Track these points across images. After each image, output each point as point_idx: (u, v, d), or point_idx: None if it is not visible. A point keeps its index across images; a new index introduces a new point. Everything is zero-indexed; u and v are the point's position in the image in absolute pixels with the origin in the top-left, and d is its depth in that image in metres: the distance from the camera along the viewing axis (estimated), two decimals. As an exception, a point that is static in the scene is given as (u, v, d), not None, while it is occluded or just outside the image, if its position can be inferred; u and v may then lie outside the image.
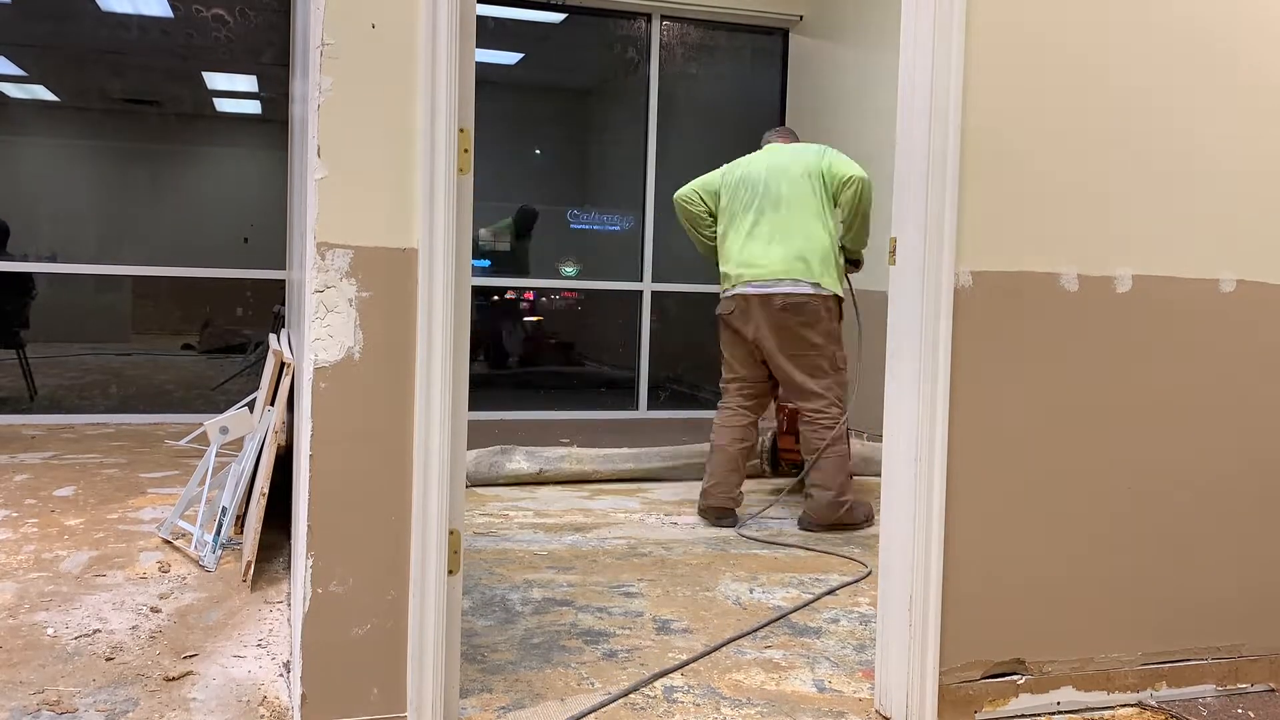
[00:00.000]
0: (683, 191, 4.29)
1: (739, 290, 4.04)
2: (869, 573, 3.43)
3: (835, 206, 4.02)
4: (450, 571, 2.16)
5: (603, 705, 2.35)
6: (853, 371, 4.74)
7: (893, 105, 2.41)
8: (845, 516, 4.03)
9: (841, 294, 4.05)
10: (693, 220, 4.29)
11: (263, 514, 3.08)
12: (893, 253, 2.35)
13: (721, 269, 4.18)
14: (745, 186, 4.12)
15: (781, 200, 4.02)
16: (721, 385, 4.27)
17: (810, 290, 3.94)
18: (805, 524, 4.08)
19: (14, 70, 6.48)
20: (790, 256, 3.95)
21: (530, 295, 7.21)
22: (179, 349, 6.96)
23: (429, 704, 2.13)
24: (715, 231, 4.25)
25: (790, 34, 7.33)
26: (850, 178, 3.96)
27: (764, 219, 4.03)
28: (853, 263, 4.23)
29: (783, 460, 5.01)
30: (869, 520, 4.14)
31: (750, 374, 4.17)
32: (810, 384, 4.01)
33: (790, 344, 3.99)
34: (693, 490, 4.78)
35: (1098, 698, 2.45)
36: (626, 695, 2.41)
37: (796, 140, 4.36)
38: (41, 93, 6.67)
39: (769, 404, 4.32)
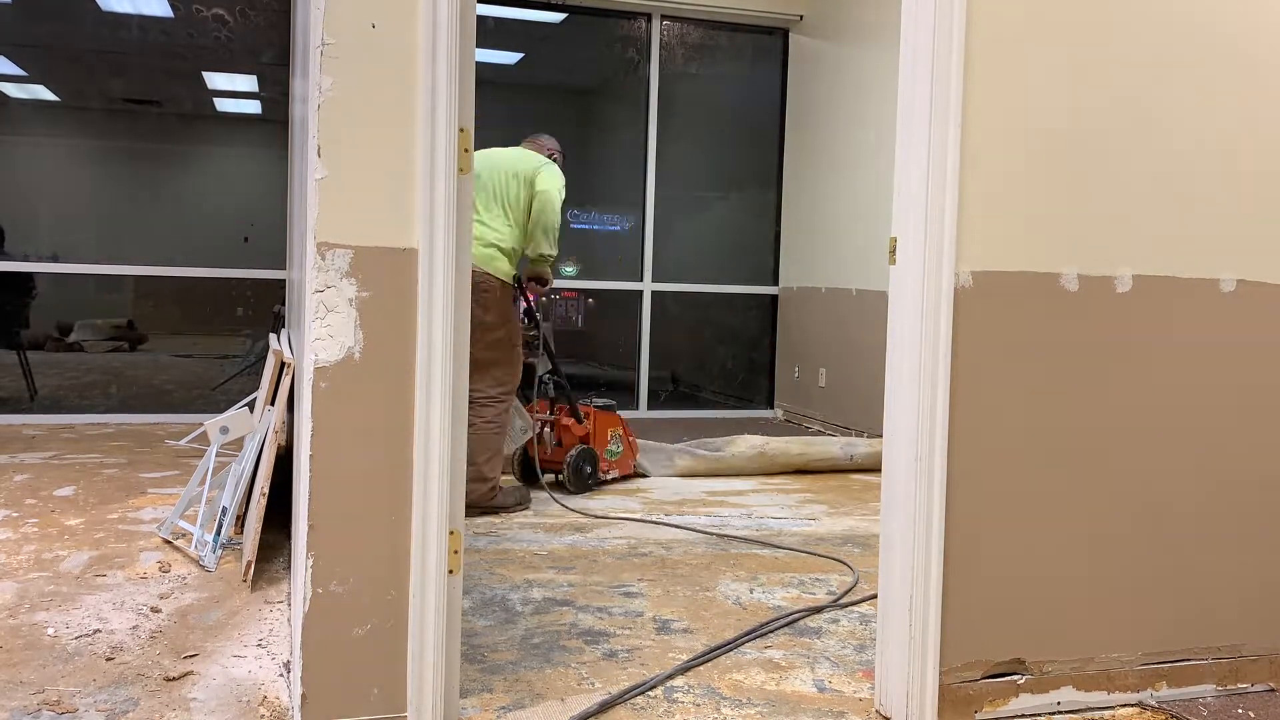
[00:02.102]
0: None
1: None
2: (856, 581, 3.38)
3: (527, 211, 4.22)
4: (450, 571, 2.16)
5: (603, 706, 2.35)
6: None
7: (893, 105, 2.41)
8: (486, 498, 4.15)
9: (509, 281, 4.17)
10: None
11: (263, 514, 3.08)
12: (893, 253, 2.35)
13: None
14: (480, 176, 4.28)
15: (479, 188, 4.19)
16: None
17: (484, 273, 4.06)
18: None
19: (14, 70, 6.48)
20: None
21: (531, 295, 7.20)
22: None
23: (429, 704, 2.13)
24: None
25: (790, 34, 7.33)
26: (539, 190, 4.19)
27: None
28: (536, 279, 4.40)
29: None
30: (519, 505, 4.29)
31: None
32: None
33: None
34: (693, 486, 4.77)
35: (1098, 698, 2.45)
36: (628, 696, 2.41)
37: (542, 148, 4.50)
38: (42, 93, 6.67)
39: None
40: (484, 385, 4.10)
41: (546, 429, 4.83)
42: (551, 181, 4.23)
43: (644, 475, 5.11)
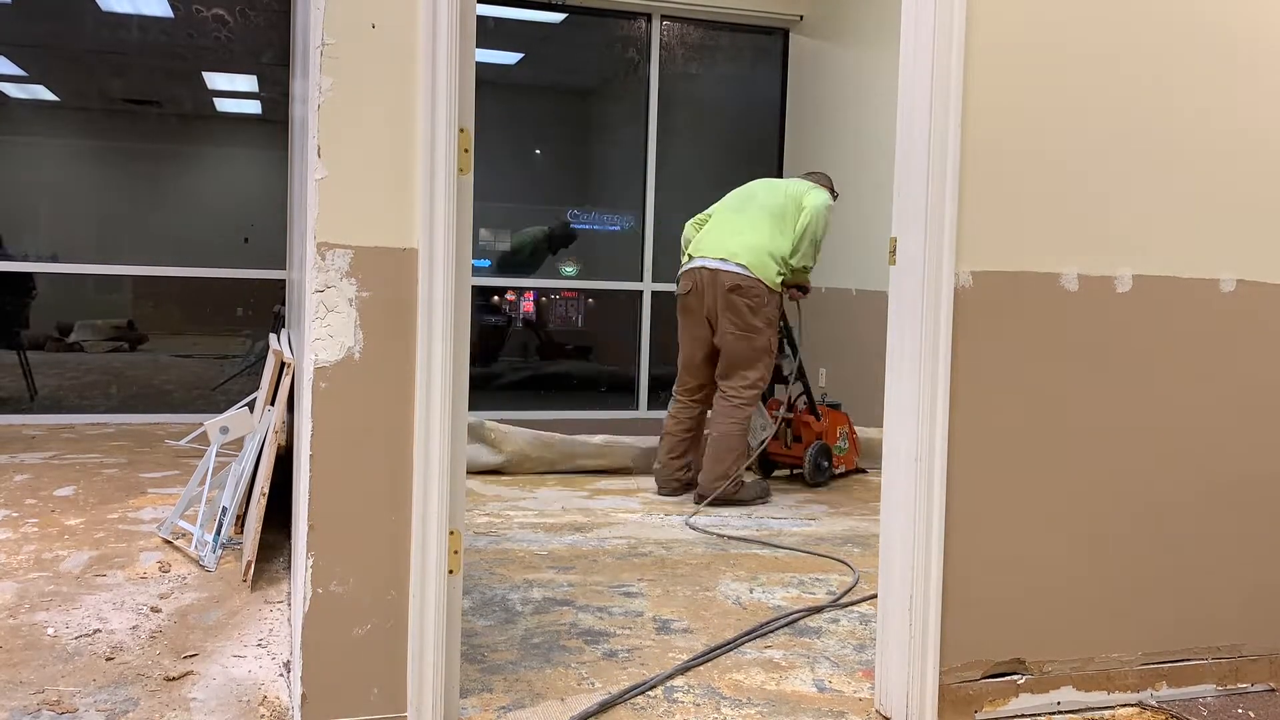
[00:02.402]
0: (692, 220, 4.89)
1: (691, 266, 4.57)
2: (856, 581, 3.40)
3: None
4: (450, 571, 2.16)
5: (603, 706, 2.35)
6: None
7: (893, 105, 2.41)
8: (729, 492, 4.43)
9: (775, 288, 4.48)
10: (688, 243, 4.80)
11: (263, 514, 3.08)
12: (893, 253, 2.35)
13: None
14: (735, 195, 4.77)
15: (753, 203, 4.62)
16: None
17: (749, 275, 4.43)
18: (695, 496, 4.52)
19: (14, 70, 6.48)
20: (742, 246, 4.49)
21: (531, 295, 7.20)
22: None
23: (429, 704, 2.13)
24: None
25: (790, 34, 7.32)
26: (806, 206, 4.55)
27: (737, 215, 4.62)
28: (798, 286, 4.77)
29: (775, 461, 5.18)
30: (760, 498, 4.58)
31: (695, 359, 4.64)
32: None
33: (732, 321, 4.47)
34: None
35: (1098, 698, 2.45)
36: (628, 696, 2.41)
37: (818, 180, 4.91)
38: (41, 93, 6.67)
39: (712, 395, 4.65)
40: (735, 385, 4.47)
41: (785, 426, 5.14)
42: (818, 201, 4.57)
43: (863, 471, 5.39)
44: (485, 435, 5.04)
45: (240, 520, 3.46)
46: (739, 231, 4.53)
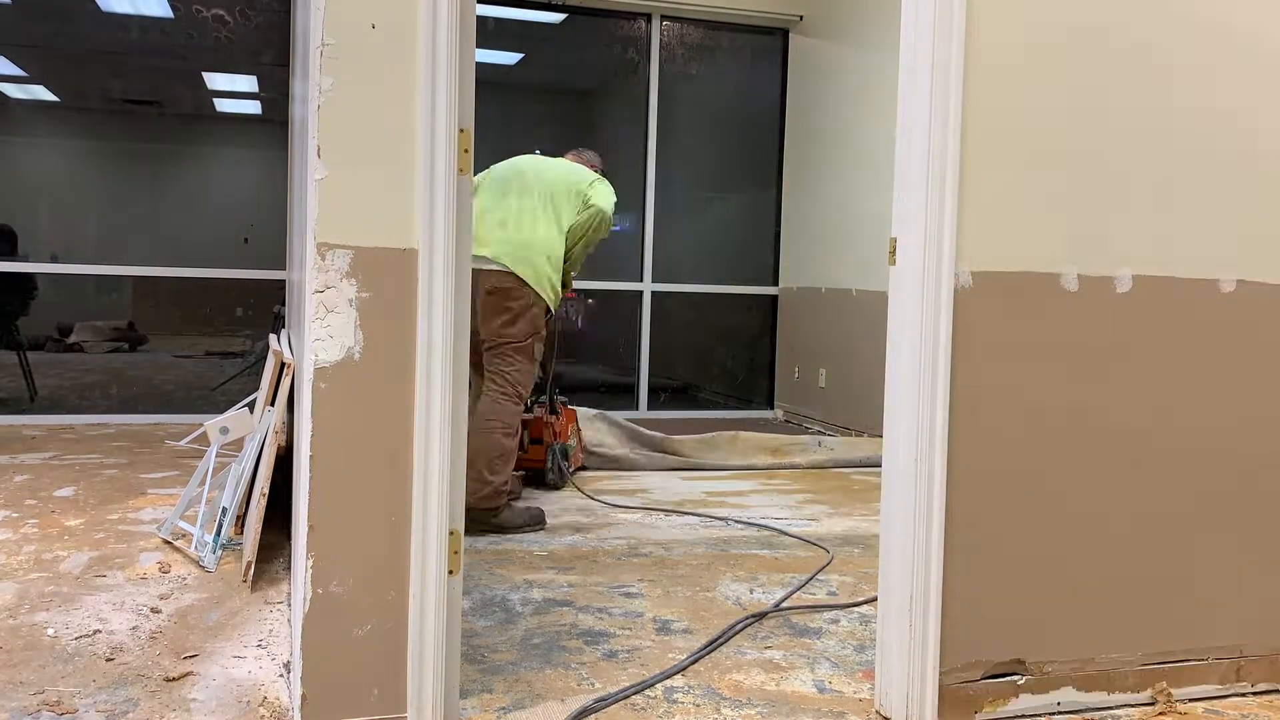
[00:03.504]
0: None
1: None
2: (830, 559, 3.56)
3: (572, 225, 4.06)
4: (450, 572, 2.16)
5: (602, 705, 2.35)
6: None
7: (893, 105, 2.42)
8: (488, 500, 3.80)
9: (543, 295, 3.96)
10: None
11: (263, 514, 3.08)
12: (893, 253, 2.35)
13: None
14: (508, 173, 4.13)
15: (522, 185, 4.03)
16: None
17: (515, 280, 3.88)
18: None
19: (14, 70, 6.48)
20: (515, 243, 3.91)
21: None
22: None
23: (429, 704, 2.13)
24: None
25: (790, 34, 7.32)
26: (593, 203, 4.04)
27: (507, 201, 4.01)
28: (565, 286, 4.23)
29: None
30: (528, 526, 3.92)
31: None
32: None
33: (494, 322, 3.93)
34: (693, 487, 4.78)
35: (1098, 698, 2.44)
36: (627, 696, 2.41)
37: (592, 163, 4.39)
38: (41, 93, 6.67)
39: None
40: (495, 386, 3.93)
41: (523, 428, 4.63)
42: (606, 199, 4.12)
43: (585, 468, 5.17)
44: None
45: (240, 521, 3.46)
46: (503, 224, 3.96)
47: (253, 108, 7.16)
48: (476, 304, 3.79)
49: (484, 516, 3.81)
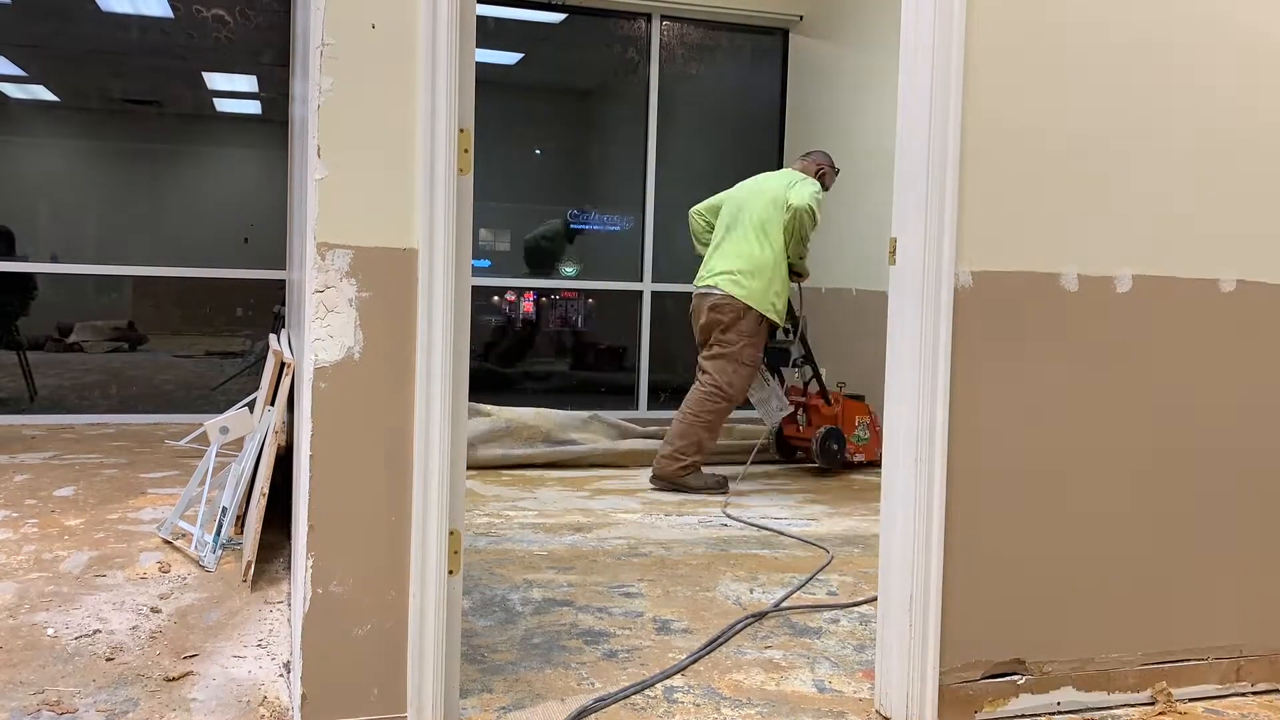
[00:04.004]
0: (693, 208, 5.21)
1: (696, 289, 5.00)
2: (830, 559, 3.62)
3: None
4: (450, 572, 2.16)
5: (602, 705, 2.35)
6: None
7: (893, 105, 2.42)
8: (678, 474, 4.70)
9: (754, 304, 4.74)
10: (695, 233, 5.21)
11: (263, 514, 3.08)
12: (893, 253, 2.35)
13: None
14: (728, 211, 4.99)
15: (739, 222, 4.90)
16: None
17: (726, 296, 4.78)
18: (652, 477, 4.81)
19: (14, 70, 6.48)
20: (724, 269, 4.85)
21: (531, 295, 7.20)
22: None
23: (429, 704, 2.13)
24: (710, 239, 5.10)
25: (790, 34, 7.32)
26: (791, 205, 4.76)
27: (726, 238, 4.93)
28: (795, 274, 4.99)
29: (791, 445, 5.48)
30: (713, 488, 4.74)
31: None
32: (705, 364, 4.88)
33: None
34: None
35: (1098, 698, 2.44)
36: (627, 696, 2.41)
37: (808, 165, 5.13)
38: (41, 93, 6.67)
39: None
40: (701, 383, 4.79)
41: (799, 410, 5.35)
42: (801, 197, 4.75)
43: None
44: (479, 411, 5.21)
45: (240, 520, 3.46)
46: (724, 256, 4.90)
47: (253, 108, 7.16)
48: (699, 323, 4.91)
49: (671, 478, 4.74)
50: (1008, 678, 2.38)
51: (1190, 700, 2.51)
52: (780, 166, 7.40)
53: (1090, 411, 2.41)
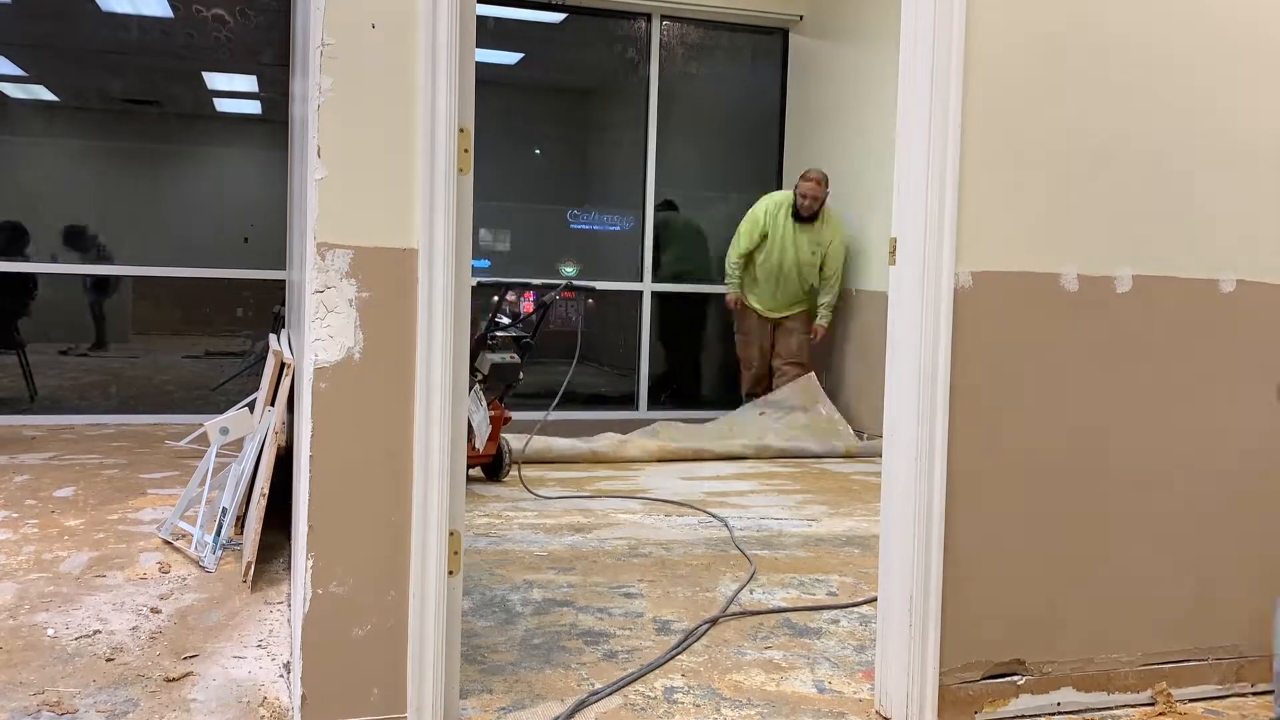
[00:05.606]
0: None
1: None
2: (753, 573, 3.51)
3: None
4: (450, 572, 2.16)
5: (597, 698, 2.35)
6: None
7: (893, 105, 2.42)
8: None
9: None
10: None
11: (263, 514, 3.08)
12: (893, 253, 2.35)
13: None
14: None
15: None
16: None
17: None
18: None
19: (14, 70, 6.48)
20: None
21: (530, 295, 7.20)
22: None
23: (429, 704, 2.13)
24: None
25: (790, 34, 7.32)
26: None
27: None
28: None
29: None
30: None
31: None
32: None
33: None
34: (693, 488, 4.78)
35: (1098, 698, 2.44)
36: (619, 689, 2.41)
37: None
38: (41, 93, 6.66)
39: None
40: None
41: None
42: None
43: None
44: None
45: (240, 521, 3.46)
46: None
47: (253, 108, 7.16)
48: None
49: None
50: (1008, 678, 2.38)
51: (1190, 701, 2.50)
52: (780, 168, 7.42)
53: (1090, 411, 2.41)
